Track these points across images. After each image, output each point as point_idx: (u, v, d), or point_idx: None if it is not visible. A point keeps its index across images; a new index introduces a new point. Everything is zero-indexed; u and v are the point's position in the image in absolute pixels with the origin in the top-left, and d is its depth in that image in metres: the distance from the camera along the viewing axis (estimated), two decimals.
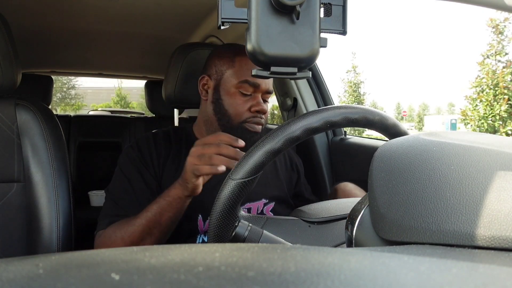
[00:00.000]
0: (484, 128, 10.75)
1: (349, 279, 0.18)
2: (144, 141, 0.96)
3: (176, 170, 0.93)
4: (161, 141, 0.96)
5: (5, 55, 0.89)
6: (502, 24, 11.91)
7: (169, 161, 0.94)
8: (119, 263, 0.20)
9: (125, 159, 0.94)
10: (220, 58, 0.97)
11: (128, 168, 0.92)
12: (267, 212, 0.99)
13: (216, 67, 0.97)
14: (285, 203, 1.03)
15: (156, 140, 0.96)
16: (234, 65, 0.94)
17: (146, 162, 0.92)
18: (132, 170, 0.92)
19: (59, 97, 31.70)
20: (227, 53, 0.96)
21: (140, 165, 0.92)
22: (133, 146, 0.95)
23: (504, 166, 0.31)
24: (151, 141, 0.95)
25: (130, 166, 0.92)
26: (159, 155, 0.94)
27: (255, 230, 0.52)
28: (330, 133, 1.54)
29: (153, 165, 0.93)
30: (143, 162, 0.92)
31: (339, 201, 0.69)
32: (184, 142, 0.99)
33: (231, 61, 0.95)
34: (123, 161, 0.94)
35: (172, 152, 0.96)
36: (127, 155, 0.94)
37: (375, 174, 0.37)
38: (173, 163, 0.94)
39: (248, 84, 0.92)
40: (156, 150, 0.94)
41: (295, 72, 0.37)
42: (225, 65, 0.95)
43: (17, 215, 0.92)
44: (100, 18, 1.49)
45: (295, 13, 0.35)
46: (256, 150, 0.51)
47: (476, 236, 0.28)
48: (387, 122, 0.58)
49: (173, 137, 0.99)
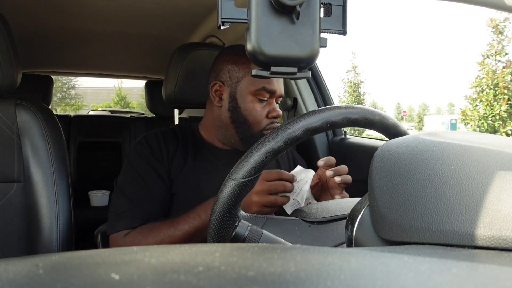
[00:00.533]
0: (484, 128, 10.75)
1: (349, 279, 0.18)
2: (152, 136, 0.96)
3: (182, 168, 0.93)
4: (169, 137, 0.97)
5: (5, 55, 0.89)
6: (502, 24, 11.91)
7: (176, 157, 0.94)
8: (119, 263, 0.20)
9: (134, 155, 0.94)
10: (235, 64, 0.95)
11: (140, 163, 0.92)
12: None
13: (230, 73, 0.95)
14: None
15: (164, 136, 0.97)
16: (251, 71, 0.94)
17: (157, 156, 0.93)
18: (144, 165, 0.91)
19: (59, 97, 31.69)
20: (242, 59, 0.95)
21: (152, 159, 0.92)
22: (142, 141, 0.95)
23: (504, 166, 0.31)
24: (160, 137, 0.96)
25: (141, 162, 0.92)
26: (168, 151, 0.94)
27: (255, 230, 0.52)
28: (330, 133, 1.54)
29: (163, 160, 0.93)
30: (154, 156, 0.92)
31: (339, 201, 0.69)
32: (190, 141, 0.99)
33: (248, 68, 0.94)
34: (133, 158, 0.94)
35: (179, 149, 0.96)
36: (137, 151, 0.94)
37: (375, 174, 0.37)
38: (180, 160, 0.95)
39: (265, 91, 0.93)
40: (166, 145, 0.95)
41: (295, 72, 0.37)
42: (241, 72, 0.94)
43: (17, 215, 0.92)
44: (100, 18, 1.49)
45: (295, 13, 0.35)
46: (256, 150, 0.51)
47: (476, 236, 0.28)
48: (387, 122, 0.58)
49: (179, 135, 1.00)
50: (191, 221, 0.82)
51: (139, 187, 0.89)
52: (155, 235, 0.83)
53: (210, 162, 0.97)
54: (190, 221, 0.82)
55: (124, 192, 0.90)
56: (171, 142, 0.96)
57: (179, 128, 1.02)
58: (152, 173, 0.91)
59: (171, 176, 0.93)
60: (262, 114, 0.94)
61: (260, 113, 0.94)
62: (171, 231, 0.83)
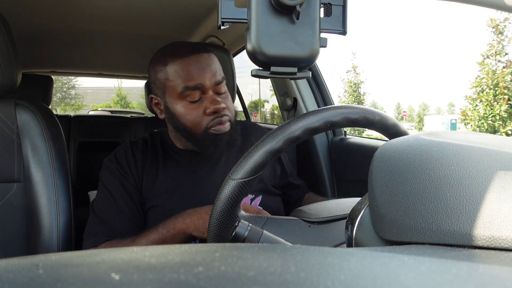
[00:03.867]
0: (484, 128, 10.75)
1: (349, 279, 0.18)
2: (121, 151, 0.93)
3: (154, 177, 0.91)
4: (138, 149, 0.94)
5: (5, 55, 0.89)
6: (502, 24, 11.91)
7: (146, 168, 0.92)
8: (119, 263, 0.20)
9: (105, 172, 0.92)
10: (155, 72, 0.90)
11: (109, 180, 0.90)
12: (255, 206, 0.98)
13: (156, 84, 0.91)
14: (271, 194, 1.00)
15: (133, 149, 0.94)
16: (167, 76, 0.88)
17: (125, 172, 0.90)
18: (112, 182, 0.90)
19: (59, 97, 31.70)
20: (158, 63, 0.89)
21: (120, 176, 0.90)
22: (111, 158, 0.93)
23: (504, 166, 0.31)
24: (129, 151, 0.93)
25: (111, 179, 0.90)
26: (137, 164, 0.91)
27: (255, 230, 0.52)
28: (330, 133, 1.54)
29: (133, 175, 0.90)
30: (122, 172, 0.90)
31: (339, 201, 0.69)
32: (160, 148, 0.96)
33: (164, 72, 0.88)
34: (104, 175, 0.92)
35: (148, 159, 0.93)
36: (107, 168, 0.92)
37: (375, 174, 0.37)
38: (151, 170, 0.92)
39: (190, 90, 0.85)
40: (134, 159, 0.92)
41: (295, 72, 0.37)
42: (161, 79, 0.89)
43: (17, 215, 0.92)
44: (100, 18, 1.49)
45: (295, 13, 0.35)
46: (256, 150, 0.51)
47: (476, 236, 0.28)
48: (387, 122, 0.58)
49: (149, 143, 0.96)
50: (151, 235, 0.80)
51: (108, 204, 0.88)
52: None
53: (182, 165, 0.94)
54: (151, 235, 0.80)
55: (94, 210, 0.89)
56: (139, 154, 0.93)
57: (150, 136, 0.99)
58: (121, 189, 0.89)
59: (144, 189, 0.90)
60: (197, 114, 0.87)
61: (195, 114, 0.87)
62: (131, 244, 0.81)
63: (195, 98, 0.86)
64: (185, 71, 0.86)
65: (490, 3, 0.53)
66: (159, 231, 0.80)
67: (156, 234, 0.80)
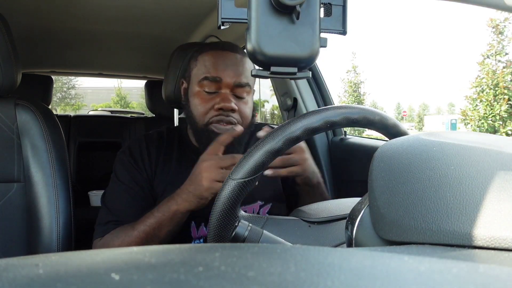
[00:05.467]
0: (484, 128, 10.75)
1: (349, 279, 0.18)
2: (135, 144, 0.94)
3: (167, 172, 0.92)
4: (153, 143, 0.95)
5: (5, 55, 0.89)
6: (502, 24, 11.92)
7: (160, 163, 0.93)
8: (119, 263, 0.20)
9: (118, 164, 0.93)
10: (192, 58, 0.95)
11: (122, 173, 0.91)
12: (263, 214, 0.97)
13: (188, 69, 0.95)
14: (282, 203, 1.00)
15: (148, 142, 0.95)
16: (196, 63, 0.91)
17: (138, 165, 0.91)
18: (126, 175, 0.91)
19: (59, 97, 31.70)
20: (197, 52, 0.94)
21: (133, 169, 0.91)
22: (125, 150, 0.94)
23: (504, 166, 0.31)
24: (143, 144, 0.94)
25: (123, 171, 0.91)
26: (151, 158, 0.92)
27: (255, 230, 0.52)
28: (330, 133, 1.54)
29: (145, 168, 0.91)
30: (135, 166, 0.91)
31: (339, 201, 0.69)
32: (176, 144, 0.97)
33: (195, 59, 0.92)
34: (117, 167, 0.93)
35: (162, 155, 0.94)
36: (120, 160, 0.93)
37: (375, 174, 0.37)
38: (164, 165, 0.93)
39: (209, 80, 0.87)
40: (148, 152, 0.93)
41: (295, 72, 0.37)
42: (191, 65, 0.93)
43: (17, 215, 0.92)
44: (100, 18, 1.49)
45: (295, 13, 0.35)
46: (256, 150, 0.51)
47: (476, 236, 0.28)
48: (387, 122, 0.58)
49: (165, 138, 0.97)
50: (147, 220, 0.81)
51: (118, 196, 0.89)
52: (120, 236, 0.84)
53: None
54: (147, 220, 0.81)
55: (104, 201, 0.91)
56: (155, 148, 0.94)
57: (167, 131, 1.00)
58: (132, 182, 0.90)
59: (156, 184, 0.91)
60: (206, 106, 0.87)
61: (204, 105, 0.87)
62: (130, 231, 0.82)
63: (211, 89, 0.87)
64: (211, 62, 0.89)
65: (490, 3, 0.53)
66: (155, 215, 0.81)
67: (152, 218, 0.81)
